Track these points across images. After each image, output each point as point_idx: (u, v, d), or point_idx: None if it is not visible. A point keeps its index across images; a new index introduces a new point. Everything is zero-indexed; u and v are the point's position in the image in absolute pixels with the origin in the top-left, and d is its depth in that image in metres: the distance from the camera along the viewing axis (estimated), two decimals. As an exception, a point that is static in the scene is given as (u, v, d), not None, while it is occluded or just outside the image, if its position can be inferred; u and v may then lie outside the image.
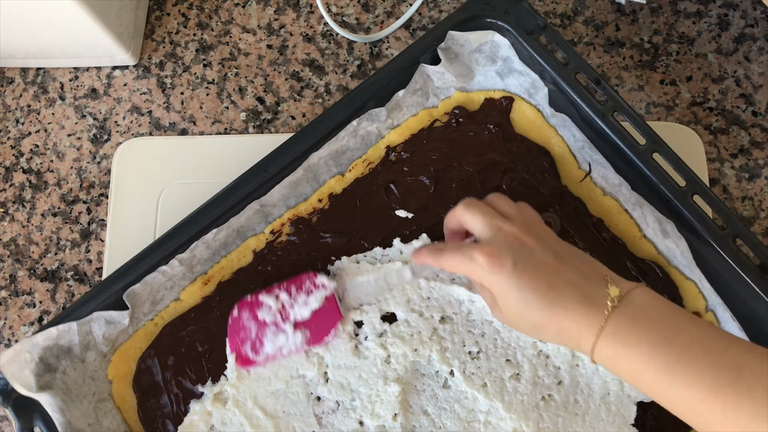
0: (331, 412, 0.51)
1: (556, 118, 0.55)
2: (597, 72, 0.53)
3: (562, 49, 0.53)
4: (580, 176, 0.55)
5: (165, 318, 0.53)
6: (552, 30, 0.53)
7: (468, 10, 0.55)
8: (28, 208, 0.63)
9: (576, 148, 0.55)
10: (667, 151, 0.51)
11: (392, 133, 0.56)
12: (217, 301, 0.54)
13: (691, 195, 0.50)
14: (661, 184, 0.51)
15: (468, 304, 0.52)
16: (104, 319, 0.51)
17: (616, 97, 0.52)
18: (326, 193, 0.55)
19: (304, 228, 0.55)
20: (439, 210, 0.55)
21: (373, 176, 0.56)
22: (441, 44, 0.55)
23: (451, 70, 0.55)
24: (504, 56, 0.55)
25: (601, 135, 0.53)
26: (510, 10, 0.54)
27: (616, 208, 0.54)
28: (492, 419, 0.50)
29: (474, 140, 0.56)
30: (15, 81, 0.66)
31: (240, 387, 0.51)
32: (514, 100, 0.57)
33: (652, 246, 0.53)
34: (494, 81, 0.57)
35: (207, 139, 0.63)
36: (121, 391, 0.52)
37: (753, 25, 0.64)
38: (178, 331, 0.53)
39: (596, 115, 0.52)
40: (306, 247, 0.55)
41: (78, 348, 0.51)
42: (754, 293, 0.49)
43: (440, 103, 0.57)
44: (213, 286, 0.54)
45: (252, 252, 0.54)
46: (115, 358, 0.52)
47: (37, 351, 0.49)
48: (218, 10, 0.67)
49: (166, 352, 0.53)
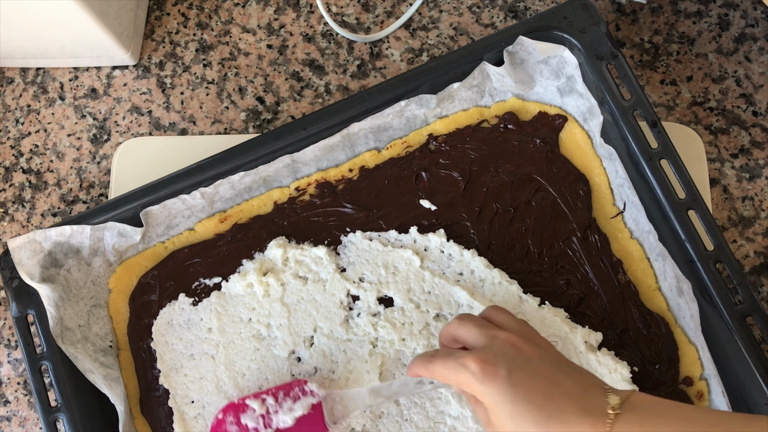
0: (307, 376, 0.52)
1: (604, 149, 0.54)
2: (657, 114, 0.52)
3: (627, 83, 0.53)
4: (612, 213, 0.54)
5: (176, 244, 0.55)
6: (622, 61, 0.53)
7: (545, 19, 0.54)
8: (28, 208, 0.63)
9: (616, 184, 0.54)
10: (703, 209, 0.50)
11: (438, 122, 0.56)
12: (228, 241, 0.55)
13: (714, 262, 0.49)
14: (689, 243, 0.50)
15: (466, 309, 0.52)
16: (118, 230, 0.53)
17: (669, 143, 0.51)
18: (359, 164, 0.56)
19: (329, 192, 0.55)
20: (463, 210, 0.55)
21: (408, 160, 0.56)
22: (509, 47, 0.54)
23: (512, 75, 0.55)
24: (569, 74, 0.54)
25: (644, 178, 0.52)
26: (587, 30, 0.54)
27: (639, 254, 0.53)
28: (459, 426, 0.50)
29: (517, 149, 0.56)
30: (15, 81, 0.66)
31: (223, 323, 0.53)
32: (568, 120, 0.56)
33: (665, 301, 0.52)
34: (553, 96, 0.56)
35: (207, 139, 0.63)
36: (117, 303, 0.54)
37: (753, 25, 0.64)
38: (185, 260, 0.55)
39: (644, 157, 0.51)
40: (325, 212, 0.55)
41: (87, 251, 0.53)
42: (752, 375, 0.48)
43: (493, 105, 0.57)
44: (228, 225, 0.55)
45: (273, 203, 0.56)
46: (120, 270, 0.54)
47: (48, 244, 0.51)
48: (218, 10, 0.67)
49: (169, 276, 0.55)
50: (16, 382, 0.59)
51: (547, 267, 0.53)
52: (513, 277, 0.53)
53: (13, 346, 0.59)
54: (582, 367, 0.43)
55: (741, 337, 0.48)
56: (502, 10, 0.65)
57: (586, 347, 0.50)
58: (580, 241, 0.54)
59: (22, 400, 0.58)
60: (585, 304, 0.53)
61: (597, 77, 0.53)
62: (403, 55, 0.65)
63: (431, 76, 0.55)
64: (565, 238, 0.54)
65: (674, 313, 0.52)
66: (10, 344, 0.59)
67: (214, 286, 0.54)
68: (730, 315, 0.48)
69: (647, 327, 0.52)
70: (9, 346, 0.59)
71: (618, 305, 0.52)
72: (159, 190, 0.53)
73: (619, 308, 0.52)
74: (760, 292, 0.57)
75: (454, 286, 0.52)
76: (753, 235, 0.59)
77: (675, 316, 0.52)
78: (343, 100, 0.54)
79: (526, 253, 0.54)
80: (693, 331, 0.50)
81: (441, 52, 0.64)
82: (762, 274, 0.58)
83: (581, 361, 0.50)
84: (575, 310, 0.53)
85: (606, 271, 0.53)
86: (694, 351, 0.51)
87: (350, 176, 0.56)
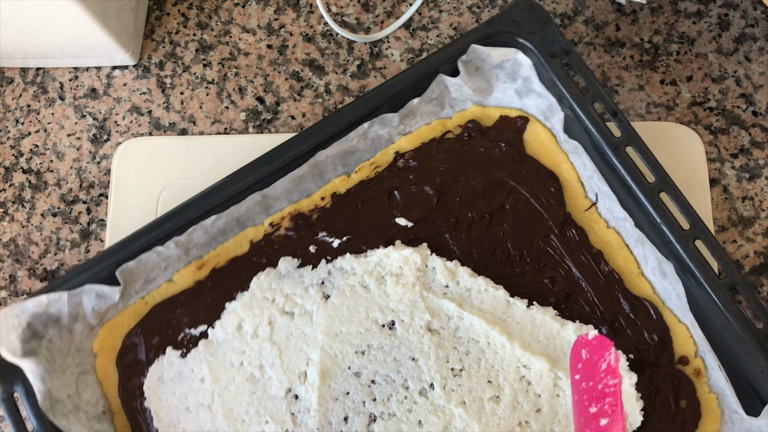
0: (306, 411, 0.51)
1: (569, 144, 0.54)
2: (615, 104, 0.52)
3: (584, 76, 0.53)
4: (586, 205, 0.55)
5: (156, 297, 0.54)
6: (576, 55, 0.53)
7: (494, 25, 0.54)
8: (28, 208, 0.63)
9: (585, 177, 0.54)
10: (675, 191, 0.51)
11: (403, 139, 0.56)
12: (209, 288, 0.54)
13: (693, 239, 0.50)
14: (665, 224, 0.50)
15: (456, 321, 0.52)
16: (95, 292, 0.51)
17: (631, 131, 0.52)
18: (330, 191, 0.55)
19: (304, 224, 0.55)
20: (440, 222, 0.55)
21: (379, 180, 0.56)
22: (463, 56, 0.54)
23: (469, 84, 0.55)
24: (525, 76, 0.55)
25: (612, 167, 0.52)
26: (536, 30, 0.54)
27: (618, 242, 0.54)
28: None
29: (484, 156, 0.56)
30: (15, 81, 0.66)
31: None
32: (530, 120, 0.56)
33: (649, 285, 0.53)
34: (512, 99, 0.56)
35: (207, 139, 0.63)
36: (104, 366, 0.52)
37: (753, 25, 0.64)
38: (167, 313, 0.53)
39: (609, 147, 0.52)
40: (303, 243, 0.55)
41: (66, 318, 0.51)
42: (744, 345, 0.48)
43: (455, 115, 0.57)
44: (207, 272, 0.54)
45: (249, 242, 0.55)
46: (103, 332, 0.53)
47: (26, 316, 0.49)
48: (218, 10, 0.67)
49: (153, 332, 0.53)
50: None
51: (529, 268, 0.54)
52: (498, 282, 0.53)
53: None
54: None
55: (729, 310, 0.48)
56: (501, 11, 0.65)
57: None
58: (559, 238, 0.54)
59: (22, 400, 0.58)
60: (572, 300, 0.53)
61: (553, 75, 0.53)
62: (403, 55, 0.65)
63: (390, 94, 0.54)
64: (543, 237, 0.54)
65: (661, 296, 0.52)
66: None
67: (200, 335, 0.53)
68: (714, 290, 0.49)
69: (636, 313, 0.52)
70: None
71: (604, 295, 0.53)
72: (132, 244, 0.51)
73: (606, 298, 0.53)
74: (760, 292, 0.57)
75: (442, 299, 0.52)
76: (753, 235, 0.59)
77: (662, 299, 0.52)
78: (306, 130, 0.54)
79: (507, 257, 0.54)
80: (681, 310, 0.51)
81: (441, 52, 0.64)
82: (762, 274, 0.58)
83: None
84: (563, 306, 0.53)
85: (588, 263, 0.54)
86: (685, 330, 0.51)
87: (323, 204, 0.55)
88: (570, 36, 0.64)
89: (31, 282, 0.61)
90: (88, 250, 0.61)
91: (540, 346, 0.51)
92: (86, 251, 0.61)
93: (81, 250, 0.61)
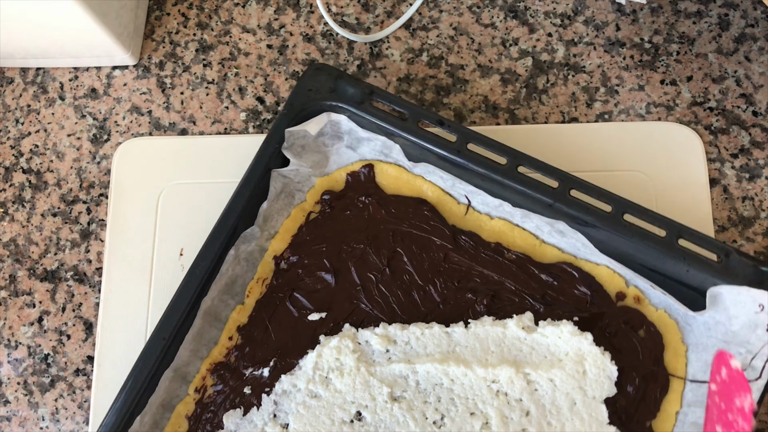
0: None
1: (419, 168, 0.56)
2: (436, 114, 0.54)
3: (396, 104, 0.54)
4: (463, 210, 0.56)
5: None
6: (380, 91, 0.55)
7: (295, 102, 0.55)
8: (28, 208, 0.63)
9: (448, 188, 0.56)
10: (531, 160, 0.53)
11: (273, 242, 0.56)
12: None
13: (568, 192, 0.52)
14: (536, 191, 0.52)
15: (413, 377, 0.52)
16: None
17: (463, 129, 0.54)
18: (233, 328, 0.54)
19: (226, 372, 0.53)
20: (349, 297, 0.54)
21: (273, 292, 0.55)
22: (284, 145, 0.55)
23: (304, 164, 0.56)
24: (347, 130, 0.56)
25: (464, 167, 0.54)
26: (334, 87, 0.55)
27: (507, 226, 0.55)
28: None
29: (353, 217, 0.56)
30: (15, 81, 0.66)
31: None
32: (374, 165, 0.57)
33: (555, 248, 0.54)
34: (349, 155, 0.57)
35: (207, 139, 0.63)
36: None
37: (753, 25, 0.64)
38: None
39: (451, 152, 0.53)
40: (236, 390, 0.52)
41: None
42: (658, 257, 0.51)
43: (307, 196, 0.57)
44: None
45: (185, 419, 0.52)
46: None
47: None
48: (218, 10, 0.67)
49: None
50: (16, 382, 0.59)
51: (448, 292, 0.54)
52: (429, 320, 0.53)
53: (13, 346, 0.59)
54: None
55: (627, 234, 0.51)
56: (502, 10, 0.65)
57: (527, 331, 0.52)
58: (456, 251, 0.55)
59: (22, 400, 0.58)
60: (499, 298, 0.54)
61: (369, 118, 0.54)
62: (403, 55, 0.65)
63: (239, 213, 0.53)
64: (443, 257, 0.55)
65: (570, 252, 0.54)
66: (11, 344, 0.59)
67: None
68: (606, 223, 0.51)
69: (558, 278, 0.54)
70: (9, 346, 0.59)
71: (523, 279, 0.54)
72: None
73: (525, 281, 0.54)
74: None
75: (390, 365, 0.52)
76: (753, 235, 0.59)
77: (572, 254, 0.54)
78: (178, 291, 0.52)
79: (424, 293, 0.54)
80: (593, 255, 0.53)
81: (441, 52, 0.64)
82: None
83: (531, 344, 0.52)
84: (495, 308, 0.54)
85: (493, 258, 0.55)
86: (606, 269, 0.53)
87: (234, 343, 0.53)
88: (570, 36, 0.64)
89: (31, 282, 0.61)
90: (88, 250, 0.61)
91: (496, 356, 0.52)
92: (86, 251, 0.61)
93: (81, 250, 0.61)
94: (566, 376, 0.50)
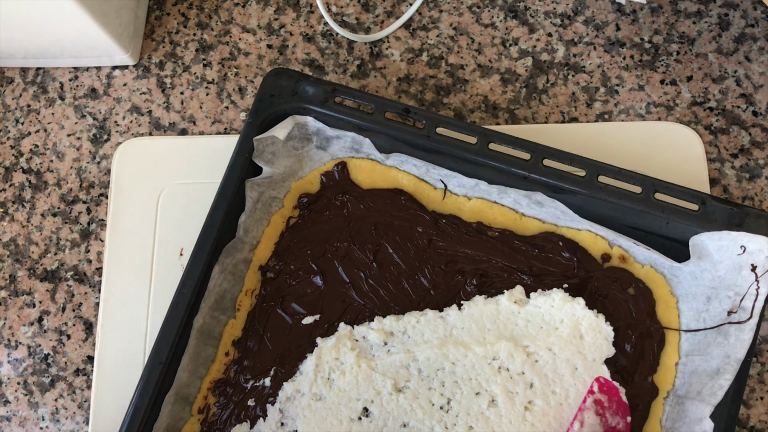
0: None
1: (391, 159, 0.56)
2: (401, 104, 0.54)
3: (360, 98, 0.55)
4: (440, 195, 0.56)
5: None
6: (342, 87, 0.55)
7: (259, 112, 0.55)
8: (28, 208, 0.63)
9: (422, 174, 0.56)
10: (501, 136, 0.53)
11: (257, 252, 0.56)
12: None
13: (541, 161, 0.53)
14: (510, 166, 0.53)
15: (414, 365, 0.52)
16: None
17: (431, 115, 0.54)
18: (228, 343, 0.54)
19: (227, 388, 0.53)
20: (340, 296, 0.55)
21: (264, 302, 0.55)
22: (254, 154, 0.54)
23: (277, 170, 0.55)
24: (314, 130, 0.56)
25: (436, 152, 0.54)
26: (296, 90, 0.55)
27: (486, 204, 0.55)
28: None
29: (333, 216, 0.57)
30: (15, 81, 0.66)
31: None
32: (346, 162, 0.57)
33: (535, 219, 0.55)
34: (320, 156, 0.57)
35: (207, 139, 0.63)
36: None
37: (753, 25, 0.64)
38: None
39: (421, 139, 0.54)
40: (241, 404, 0.52)
41: None
42: (636, 213, 0.52)
43: (284, 201, 0.57)
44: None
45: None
46: None
47: None
48: (218, 10, 0.67)
49: None
50: (16, 382, 0.59)
51: (437, 277, 0.55)
52: (422, 308, 0.54)
53: (13, 346, 0.59)
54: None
55: (601, 196, 0.52)
56: (502, 10, 0.65)
57: (520, 304, 0.52)
58: (439, 235, 0.55)
59: (22, 399, 0.58)
60: (488, 276, 0.54)
61: (335, 115, 0.55)
62: (403, 55, 0.65)
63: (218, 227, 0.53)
64: (428, 244, 0.55)
65: (550, 221, 0.55)
66: (11, 344, 0.59)
67: None
68: (578, 187, 0.52)
69: (542, 248, 0.54)
70: (9, 346, 0.59)
71: (509, 254, 0.54)
72: None
73: (511, 256, 0.55)
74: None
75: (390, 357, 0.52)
76: (753, 235, 0.59)
77: (554, 223, 0.55)
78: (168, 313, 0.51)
79: (414, 282, 0.55)
80: (574, 221, 0.54)
81: (441, 52, 0.64)
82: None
83: (526, 317, 0.52)
84: (485, 287, 0.54)
85: (476, 238, 0.55)
86: (588, 233, 0.54)
87: (232, 358, 0.53)
88: (570, 36, 0.64)
89: (31, 282, 0.61)
90: (88, 250, 0.61)
91: (493, 334, 0.52)
92: (86, 251, 0.61)
93: (81, 250, 0.61)
94: (564, 343, 0.51)
